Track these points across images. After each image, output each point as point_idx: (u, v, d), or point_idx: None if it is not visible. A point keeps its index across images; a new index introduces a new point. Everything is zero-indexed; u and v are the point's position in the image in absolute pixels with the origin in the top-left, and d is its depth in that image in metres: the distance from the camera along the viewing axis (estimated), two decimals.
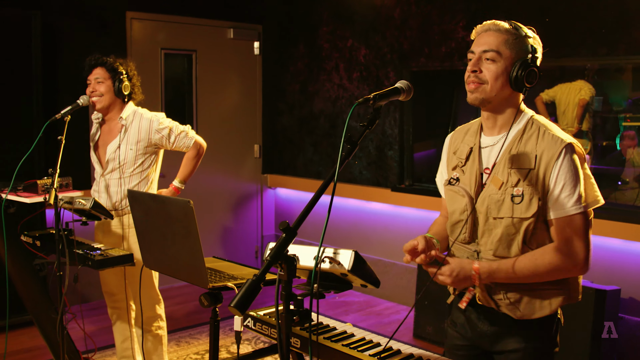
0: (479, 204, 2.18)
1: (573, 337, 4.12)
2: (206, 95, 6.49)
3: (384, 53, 5.78)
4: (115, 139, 3.78)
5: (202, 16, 6.33)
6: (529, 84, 2.13)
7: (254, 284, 1.63)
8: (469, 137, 2.32)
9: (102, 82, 3.75)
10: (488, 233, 2.17)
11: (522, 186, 2.10)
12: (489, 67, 2.13)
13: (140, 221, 2.58)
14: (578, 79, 5.44)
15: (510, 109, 2.20)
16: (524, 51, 2.15)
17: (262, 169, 7.04)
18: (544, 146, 2.10)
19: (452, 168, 2.34)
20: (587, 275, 4.52)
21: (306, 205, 1.73)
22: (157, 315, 3.89)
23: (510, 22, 2.18)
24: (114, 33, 5.76)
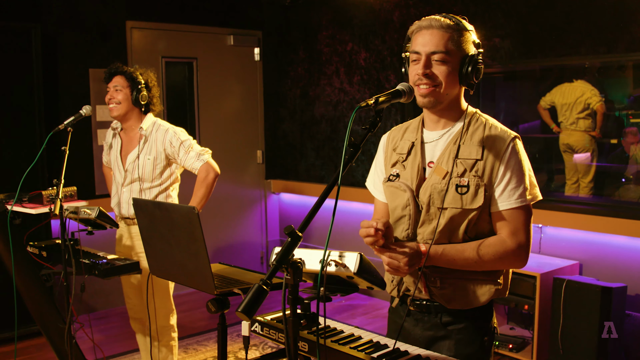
0: (421, 194, 2.15)
1: (580, 334, 4.12)
2: (208, 102, 6.50)
3: (384, 56, 5.79)
4: (134, 149, 3.81)
5: (202, 24, 6.35)
6: (477, 79, 2.11)
7: (260, 288, 1.63)
8: (409, 134, 2.28)
9: (120, 90, 3.77)
10: (428, 222, 2.13)
11: (468, 177, 2.08)
12: (440, 68, 2.08)
13: (145, 229, 2.59)
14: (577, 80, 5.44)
15: (456, 104, 2.18)
16: (468, 46, 2.11)
17: (266, 174, 7.05)
18: (492, 139, 2.11)
19: (391, 165, 2.29)
20: (592, 273, 4.53)
21: (310, 209, 1.73)
22: (170, 325, 3.89)
23: (450, 17, 2.12)
24: (115, 43, 5.78)
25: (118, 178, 3.89)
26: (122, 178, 3.85)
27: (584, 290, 4.13)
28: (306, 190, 6.68)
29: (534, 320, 4.36)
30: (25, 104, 5.11)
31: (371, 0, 5.48)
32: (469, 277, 2.13)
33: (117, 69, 3.81)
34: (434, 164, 2.17)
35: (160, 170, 3.78)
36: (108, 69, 3.85)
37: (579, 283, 4.16)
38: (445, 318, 2.19)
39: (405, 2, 5.54)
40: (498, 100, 5.79)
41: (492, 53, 4.94)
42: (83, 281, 3.25)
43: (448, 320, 2.18)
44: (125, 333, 5.15)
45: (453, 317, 2.18)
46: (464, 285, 2.13)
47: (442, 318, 2.19)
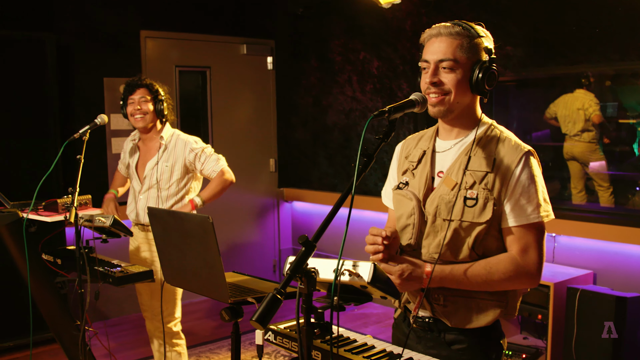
0: (428, 204, 2.10)
1: (594, 345, 4.09)
2: (221, 111, 6.53)
3: (396, 65, 5.80)
4: (154, 157, 3.90)
5: (215, 33, 6.39)
6: (490, 86, 2.04)
7: (274, 297, 1.64)
8: (423, 142, 2.24)
9: (146, 101, 3.87)
10: (434, 235, 2.09)
11: (477, 189, 2.03)
12: (448, 76, 2.03)
13: (160, 237, 2.61)
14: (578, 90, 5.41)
15: (470, 113, 2.13)
16: (480, 53, 2.05)
17: (278, 182, 7.07)
18: (504, 152, 2.05)
19: (402, 172, 2.25)
20: (607, 282, 4.50)
21: (325, 218, 1.73)
22: (174, 332, 3.93)
23: (460, 23, 2.06)
24: (129, 52, 5.82)
25: (135, 186, 3.98)
26: (140, 185, 3.93)
27: (598, 300, 4.10)
28: (319, 199, 6.68)
29: (548, 330, 4.33)
30: (41, 113, 5.16)
31: (383, 9, 5.49)
32: (474, 296, 2.08)
33: (140, 81, 3.90)
34: (443, 174, 2.13)
35: (177, 178, 3.87)
36: (130, 81, 3.93)
37: (593, 293, 4.13)
38: (449, 336, 2.13)
39: (417, 10, 5.55)
40: (511, 108, 5.78)
41: (504, 61, 4.94)
42: (97, 289, 3.27)
43: (452, 338, 2.13)
44: (138, 340, 5.17)
45: (457, 335, 2.12)
46: (468, 304, 2.08)
47: (445, 336, 2.14)
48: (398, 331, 2.31)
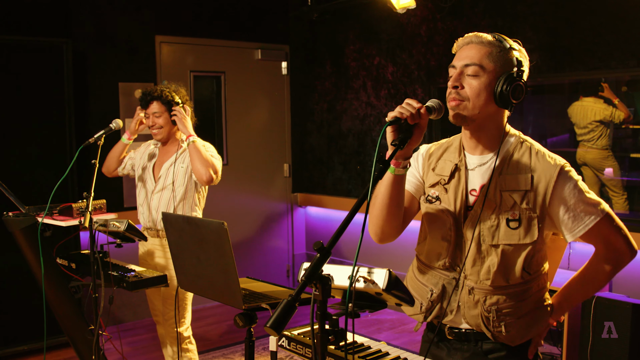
0: (467, 228, 2.04)
1: (610, 352, 4.06)
2: (235, 116, 6.55)
3: (411, 70, 5.79)
4: (171, 158, 3.92)
5: (230, 38, 6.41)
6: (515, 99, 1.98)
7: (289, 304, 1.63)
8: (449, 154, 2.17)
9: (160, 115, 3.88)
10: (480, 262, 2.03)
11: (518, 209, 1.98)
12: (471, 82, 1.98)
13: (174, 243, 2.61)
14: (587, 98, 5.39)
15: (495, 127, 2.06)
16: (509, 64, 1.99)
17: (292, 188, 7.07)
18: (540, 167, 2.00)
19: (430, 185, 2.17)
20: (623, 290, 4.45)
21: (340, 224, 1.72)
22: (185, 337, 3.93)
23: (494, 34, 2.03)
24: (144, 57, 5.85)
25: (149, 186, 3.96)
26: (154, 185, 3.93)
27: (614, 307, 4.07)
28: (333, 204, 6.67)
29: (563, 337, 4.29)
30: (57, 118, 5.19)
31: (398, 15, 5.48)
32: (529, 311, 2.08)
33: (152, 95, 3.89)
34: (476, 192, 2.07)
35: (190, 180, 3.86)
36: (144, 95, 3.93)
37: (609, 300, 4.10)
38: (486, 346, 2.10)
39: (432, 16, 5.53)
40: (526, 114, 5.76)
41: None
42: (112, 293, 3.28)
43: (489, 347, 2.10)
44: (152, 345, 5.18)
45: (495, 344, 2.09)
46: (526, 322, 2.07)
47: (482, 346, 2.11)
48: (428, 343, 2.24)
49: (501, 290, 2.03)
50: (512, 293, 2.04)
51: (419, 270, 2.23)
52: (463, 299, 2.07)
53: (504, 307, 2.04)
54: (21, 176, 5.00)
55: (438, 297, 2.13)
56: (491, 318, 2.04)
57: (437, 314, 2.14)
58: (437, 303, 2.13)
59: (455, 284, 2.08)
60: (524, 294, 2.06)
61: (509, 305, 2.04)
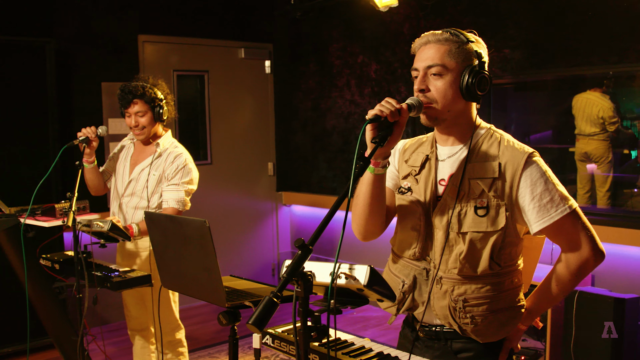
0: (437, 217, 2.05)
1: (592, 345, 4.09)
2: (219, 115, 6.54)
3: (394, 68, 5.81)
4: (145, 160, 3.78)
5: (213, 37, 6.40)
6: (481, 91, 2.00)
7: (271, 301, 1.64)
8: (423, 148, 2.20)
9: (143, 115, 3.71)
10: (448, 250, 2.04)
11: (486, 197, 1.99)
12: (436, 83, 2.01)
13: (157, 242, 2.61)
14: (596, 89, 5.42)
15: (465, 121, 2.09)
16: (470, 58, 2.01)
17: (277, 186, 7.07)
18: (507, 156, 2.01)
19: (402, 177, 2.20)
20: (605, 284, 4.50)
21: (321, 222, 1.73)
22: (177, 340, 3.88)
23: (449, 30, 2.04)
24: (127, 57, 5.83)
25: (119, 187, 3.84)
26: (124, 187, 3.80)
27: (596, 302, 4.10)
28: (318, 202, 6.69)
29: (547, 331, 4.33)
30: (39, 118, 5.16)
31: (381, 13, 5.49)
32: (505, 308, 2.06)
33: (134, 94, 3.69)
34: (445, 181, 2.09)
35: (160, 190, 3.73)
36: (124, 93, 3.72)
37: (592, 294, 4.13)
38: (456, 345, 2.10)
39: (415, 14, 5.56)
40: (509, 111, 5.79)
41: (502, 64, 4.95)
42: (95, 294, 3.27)
43: (459, 347, 2.10)
44: None
45: (465, 344, 2.09)
46: (499, 319, 2.05)
47: (452, 345, 2.11)
48: (406, 340, 2.28)
49: (469, 281, 2.03)
50: (481, 284, 2.03)
51: (392, 262, 2.25)
52: (433, 290, 2.07)
53: (471, 298, 2.03)
54: (4, 177, 4.97)
55: (410, 287, 2.13)
56: (458, 309, 2.04)
57: (409, 305, 2.14)
58: (408, 294, 2.13)
59: (426, 274, 2.09)
60: (495, 288, 2.04)
61: (477, 297, 2.03)
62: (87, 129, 3.66)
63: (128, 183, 3.79)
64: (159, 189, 3.72)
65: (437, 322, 2.12)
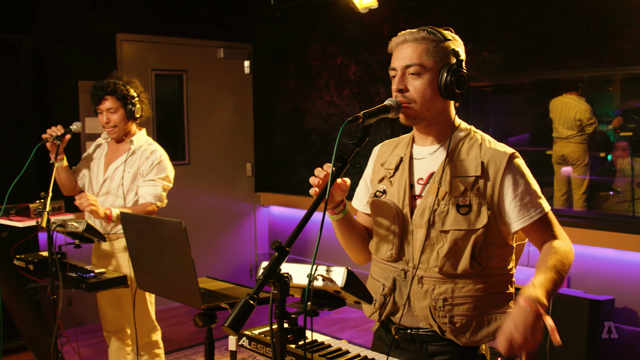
0: (417, 216, 2.04)
1: (569, 348, 4.12)
2: (197, 115, 6.50)
3: (373, 70, 5.81)
4: (119, 159, 3.75)
5: (192, 37, 6.36)
6: (460, 89, 2.00)
7: (247, 303, 1.63)
8: (399, 149, 2.20)
9: (114, 112, 3.68)
10: (430, 249, 2.02)
11: (469, 195, 1.98)
12: (414, 83, 2.00)
13: (133, 243, 2.58)
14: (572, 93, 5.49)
15: (444, 119, 2.08)
16: (447, 56, 2.01)
17: (255, 187, 7.05)
18: (489, 156, 2.02)
19: (378, 181, 2.20)
20: (580, 286, 4.54)
21: (298, 223, 1.73)
22: (153, 342, 3.84)
23: (426, 28, 2.03)
24: (105, 55, 5.78)
25: (94, 186, 3.79)
26: (99, 186, 3.76)
27: (572, 303, 4.14)
28: (296, 204, 6.67)
29: None
30: (15, 116, 5.10)
31: (361, 14, 5.50)
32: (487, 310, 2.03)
33: (106, 90, 3.66)
34: (423, 180, 2.09)
35: (136, 188, 3.69)
36: (96, 91, 3.69)
37: (567, 296, 4.16)
38: (431, 348, 2.08)
39: (394, 16, 5.57)
40: (487, 114, 5.83)
41: (481, 67, 4.97)
42: (70, 295, 3.23)
43: (434, 350, 2.08)
44: None
45: (440, 347, 2.07)
46: (477, 320, 2.02)
47: (427, 348, 2.09)
48: (380, 342, 2.25)
49: (450, 280, 2.02)
50: (462, 284, 2.01)
51: (373, 267, 2.24)
52: (413, 291, 2.06)
53: (451, 297, 2.01)
54: None
55: (390, 290, 2.11)
56: (438, 308, 2.02)
57: (391, 309, 2.12)
58: (389, 297, 2.11)
59: (404, 275, 2.08)
60: (478, 289, 2.02)
61: (458, 297, 2.01)
62: (52, 128, 3.62)
63: (103, 182, 3.75)
64: (134, 186, 3.68)
65: (414, 324, 2.10)
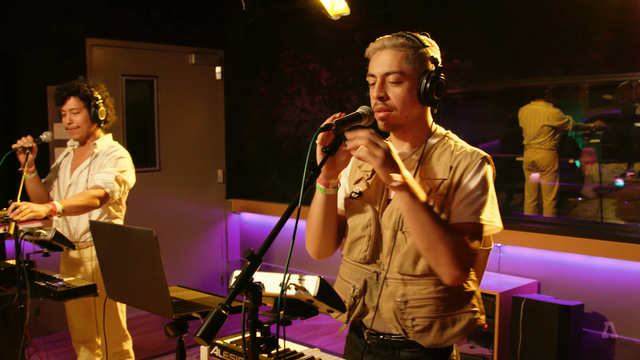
0: (386, 217, 2.05)
1: (539, 352, 4.16)
2: (168, 121, 6.45)
3: (345, 76, 5.82)
4: (84, 162, 3.71)
5: (163, 42, 6.32)
6: (438, 96, 2.01)
7: (219, 313, 1.61)
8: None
9: (77, 112, 3.65)
10: (395, 250, 2.03)
11: (433, 197, 1.98)
12: (395, 91, 1.99)
13: (103, 252, 2.55)
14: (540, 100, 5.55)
15: (422, 125, 2.09)
16: (426, 63, 2.01)
17: (226, 194, 7.01)
18: (459, 159, 2.02)
19: (354, 182, 2.18)
20: (550, 291, 4.59)
21: (271, 231, 1.71)
22: (124, 351, 3.80)
23: (404, 34, 2.03)
24: (74, 60, 5.71)
25: (61, 192, 3.75)
26: (65, 192, 3.72)
27: (542, 309, 4.18)
28: (268, 210, 6.65)
29: (494, 338, 4.38)
30: None
31: (333, 21, 5.51)
32: (448, 312, 2.03)
33: (69, 90, 3.65)
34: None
35: None
36: (59, 91, 3.68)
37: (538, 302, 4.21)
38: (403, 353, 2.08)
39: (366, 22, 5.58)
40: (459, 120, 5.87)
41: (452, 74, 5.01)
42: (38, 304, 3.17)
43: (407, 356, 2.08)
44: None
45: (412, 353, 2.07)
46: (441, 322, 2.02)
47: (400, 353, 2.08)
48: (353, 346, 2.24)
49: (411, 281, 2.02)
50: (423, 286, 2.01)
51: (343, 268, 2.23)
52: (382, 293, 2.06)
53: (413, 299, 2.01)
54: None
55: (360, 292, 2.11)
56: (400, 310, 2.02)
57: (360, 311, 2.11)
58: (359, 299, 2.11)
59: (376, 278, 2.07)
60: (439, 291, 2.01)
61: (419, 299, 2.01)
62: (22, 139, 3.57)
63: (68, 187, 3.72)
64: None
65: (386, 329, 2.10)
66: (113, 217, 3.75)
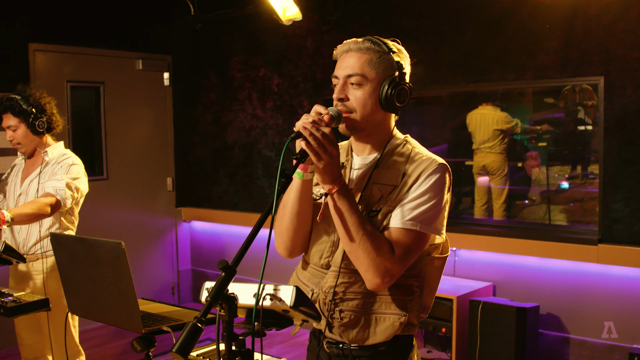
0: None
1: (497, 354, 4.21)
2: (115, 128, 6.30)
3: (297, 82, 5.79)
4: (35, 171, 3.60)
5: (110, 47, 6.17)
6: (400, 103, 2.01)
7: (195, 327, 1.58)
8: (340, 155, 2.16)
9: (15, 129, 3.56)
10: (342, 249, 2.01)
11: (383, 202, 1.98)
12: (355, 93, 1.98)
13: (65, 265, 2.45)
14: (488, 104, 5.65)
15: (383, 131, 2.08)
16: (390, 68, 2.00)
17: (176, 202, 6.88)
18: (415, 165, 2.00)
19: (316, 183, 2.12)
20: (506, 294, 4.65)
21: (244, 241, 1.68)
22: None
23: (372, 38, 2.02)
24: (16, 65, 5.51)
25: (10, 202, 3.64)
26: (15, 202, 3.61)
27: (499, 312, 4.23)
28: (219, 218, 6.55)
29: (452, 342, 4.41)
30: None
31: (284, 26, 5.47)
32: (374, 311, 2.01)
33: (4, 106, 3.54)
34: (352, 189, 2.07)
35: None
36: None
37: (495, 305, 4.26)
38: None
39: (318, 28, 5.57)
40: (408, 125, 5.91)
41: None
42: None
43: None
44: None
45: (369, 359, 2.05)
46: (365, 319, 2.02)
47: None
48: (312, 354, 2.22)
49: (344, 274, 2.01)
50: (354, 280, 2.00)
51: (302, 269, 2.20)
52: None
53: (341, 291, 2.01)
54: None
55: (317, 296, 2.08)
56: (327, 302, 2.01)
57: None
58: (316, 303, 2.08)
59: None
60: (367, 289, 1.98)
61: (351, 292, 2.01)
62: None
63: (18, 197, 3.61)
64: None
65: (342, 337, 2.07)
66: (65, 228, 3.63)
